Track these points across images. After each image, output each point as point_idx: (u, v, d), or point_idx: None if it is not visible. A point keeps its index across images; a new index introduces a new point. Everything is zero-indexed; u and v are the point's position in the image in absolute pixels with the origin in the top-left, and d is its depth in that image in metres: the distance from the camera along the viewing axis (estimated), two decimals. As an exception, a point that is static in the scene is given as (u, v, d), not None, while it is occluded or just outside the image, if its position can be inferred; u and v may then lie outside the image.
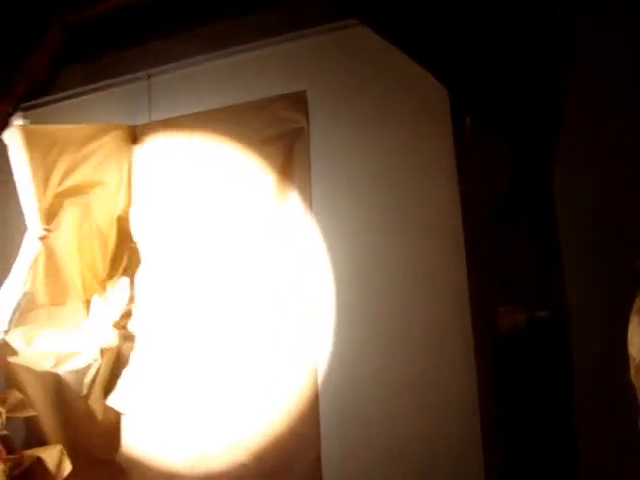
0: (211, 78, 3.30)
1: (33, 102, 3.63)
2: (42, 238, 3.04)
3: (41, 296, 3.11)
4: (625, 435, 2.07)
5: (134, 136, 3.37)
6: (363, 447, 2.81)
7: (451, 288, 2.67)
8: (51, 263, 3.17)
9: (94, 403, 3.07)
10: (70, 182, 3.19)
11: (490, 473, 2.45)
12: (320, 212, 3.02)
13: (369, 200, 2.92)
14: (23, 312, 3.02)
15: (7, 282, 2.97)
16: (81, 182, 3.21)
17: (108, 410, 3.12)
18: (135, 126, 3.40)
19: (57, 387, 3.02)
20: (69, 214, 3.20)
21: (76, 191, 3.22)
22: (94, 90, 3.58)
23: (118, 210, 3.30)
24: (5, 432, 2.83)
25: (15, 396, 2.86)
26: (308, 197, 3.02)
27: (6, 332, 2.83)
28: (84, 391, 3.03)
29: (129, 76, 3.45)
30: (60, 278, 3.19)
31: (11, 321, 2.85)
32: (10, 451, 2.80)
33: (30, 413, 2.92)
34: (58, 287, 3.18)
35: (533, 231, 2.47)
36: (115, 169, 3.28)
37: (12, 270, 3.01)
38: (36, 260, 3.03)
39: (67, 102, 3.66)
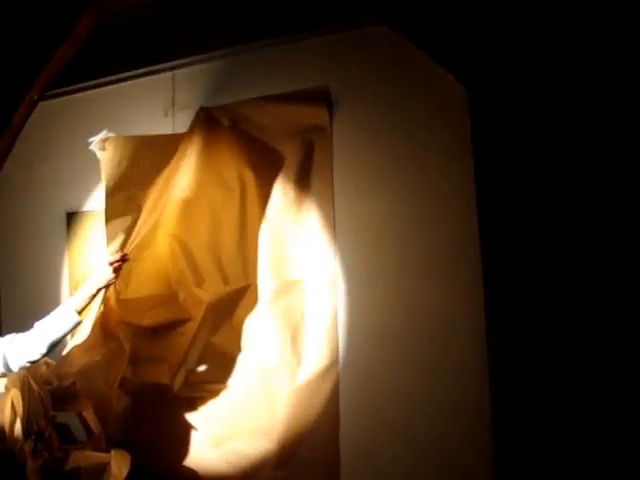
0: (234, 71, 3.40)
1: (59, 90, 3.79)
2: (113, 265, 2.72)
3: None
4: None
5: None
6: (379, 428, 2.98)
7: (469, 279, 2.78)
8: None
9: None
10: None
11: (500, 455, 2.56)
12: (341, 205, 3.14)
13: (389, 194, 3.02)
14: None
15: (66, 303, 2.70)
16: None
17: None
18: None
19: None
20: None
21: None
22: (121, 80, 3.70)
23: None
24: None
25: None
26: (329, 191, 3.12)
27: (43, 355, 2.53)
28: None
29: (154, 67, 3.55)
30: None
31: (53, 345, 2.53)
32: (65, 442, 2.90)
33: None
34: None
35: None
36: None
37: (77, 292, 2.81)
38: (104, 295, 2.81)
39: (91, 92, 3.82)
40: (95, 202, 3.75)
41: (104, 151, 2.80)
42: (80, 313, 2.64)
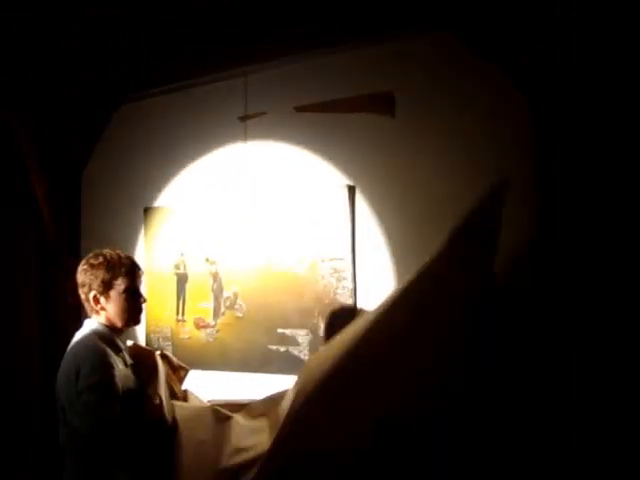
0: (303, 77, 3.48)
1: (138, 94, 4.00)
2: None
3: None
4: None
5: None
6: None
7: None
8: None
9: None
10: None
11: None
12: (391, 209, 3.21)
13: (442, 200, 3.05)
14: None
15: None
16: None
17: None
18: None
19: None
20: None
21: None
22: (193, 85, 3.83)
23: None
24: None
25: None
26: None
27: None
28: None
29: (226, 73, 3.66)
30: None
31: None
32: None
33: None
34: None
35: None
36: None
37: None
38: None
39: (167, 96, 3.95)
40: (168, 198, 3.94)
41: None
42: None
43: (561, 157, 2.69)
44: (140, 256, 3.95)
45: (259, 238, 3.56)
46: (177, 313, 3.82)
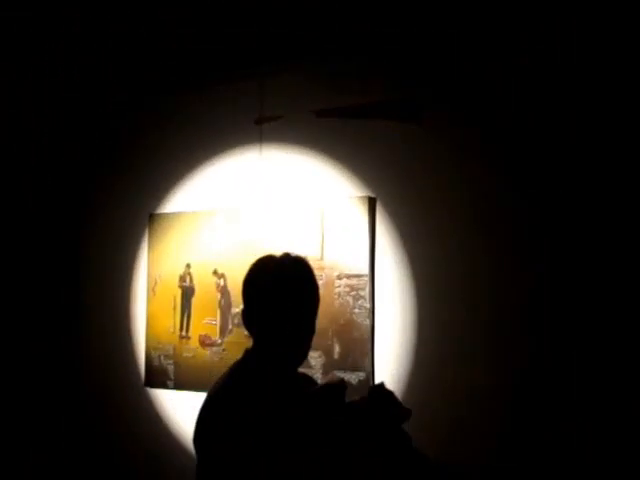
0: (322, 80, 3.35)
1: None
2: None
3: None
4: None
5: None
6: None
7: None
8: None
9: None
10: None
11: None
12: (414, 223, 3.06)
13: (468, 214, 2.93)
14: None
15: None
16: None
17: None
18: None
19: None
20: None
21: None
22: (210, 87, 3.69)
23: None
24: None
25: None
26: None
27: None
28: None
29: (243, 75, 3.54)
30: None
31: None
32: None
33: None
34: None
35: None
36: None
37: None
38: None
39: (179, 98, 3.82)
40: (176, 204, 3.75)
41: None
42: None
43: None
44: (143, 266, 3.80)
45: (271, 250, 3.31)
46: (181, 329, 3.61)
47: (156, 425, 3.66)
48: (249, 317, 1.97)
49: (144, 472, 3.71)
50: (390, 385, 2.95)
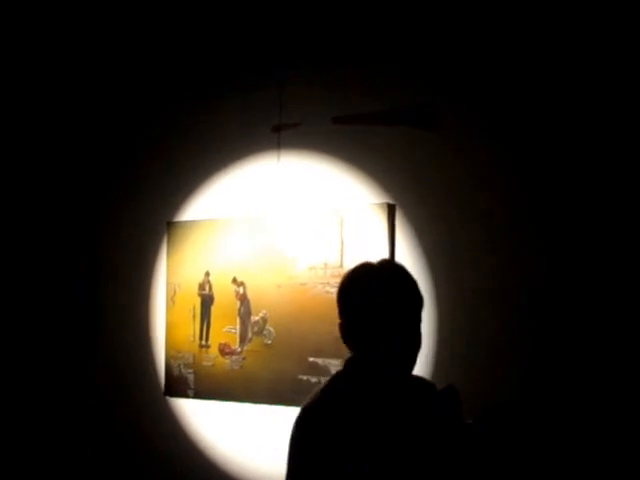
0: (341, 87, 3.32)
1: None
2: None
3: None
4: None
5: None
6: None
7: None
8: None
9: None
10: None
11: None
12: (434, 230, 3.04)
13: (489, 221, 2.90)
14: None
15: None
16: None
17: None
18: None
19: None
20: None
21: None
22: (227, 94, 3.67)
23: None
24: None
25: None
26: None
27: None
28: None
29: (261, 82, 3.51)
30: None
31: None
32: None
33: None
34: None
35: None
36: None
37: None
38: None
39: (195, 105, 3.80)
40: (195, 212, 3.74)
41: None
42: None
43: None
44: (162, 275, 3.79)
45: (290, 258, 3.32)
46: (200, 338, 3.59)
47: (176, 434, 3.65)
48: (350, 330, 1.85)
49: (164, 480, 3.70)
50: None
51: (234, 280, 3.48)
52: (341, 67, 3.29)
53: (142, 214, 3.92)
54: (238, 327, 3.46)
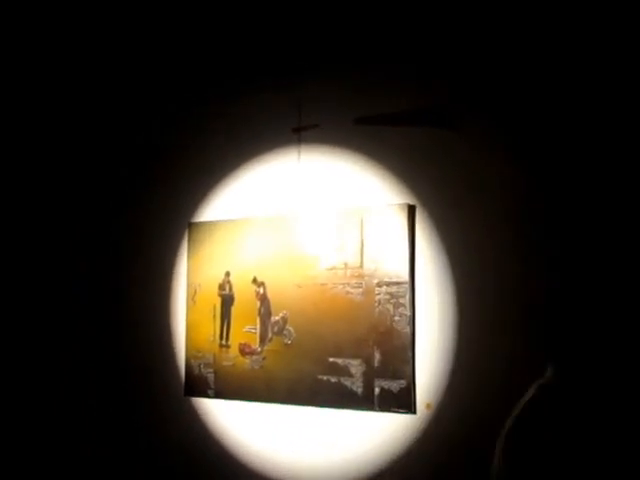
0: (361, 88, 3.32)
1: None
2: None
3: None
4: None
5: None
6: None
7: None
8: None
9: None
10: None
11: None
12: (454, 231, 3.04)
13: (510, 222, 2.89)
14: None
15: None
16: None
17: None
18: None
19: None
20: None
21: None
22: (247, 96, 3.68)
23: None
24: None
25: None
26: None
27: None
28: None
29: (281, 84, 3.53)
30: None
31: None
32: None
33: None
34: None
35: None
36: None
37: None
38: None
39: (216, 107, 3.81)
40: (215, 213, 3.75)
41: None
42: None
43: None
44: (182, 275, 3.80)
45: (310, 258, 3.32)
46: (221, 338, 3.60)
47: (196, 434, 3.66)
48: None
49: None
50: (431, 392, 2.96)
51: (254, 280, 3.50)
52: (361, 68, 3.30)
53: (164, 214, 3.94)
54: (258, 327, 3.47)
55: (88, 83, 3.94)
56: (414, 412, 3.01)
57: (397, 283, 3.09)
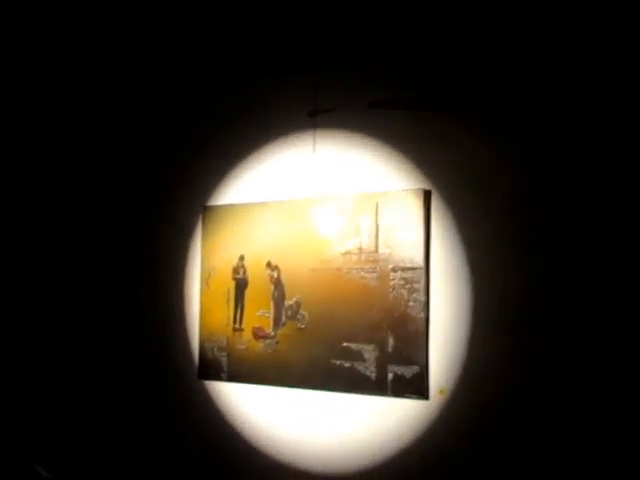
0: (375, 72, 3.30)
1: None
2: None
3: None
4: None
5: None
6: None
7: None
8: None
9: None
10: None
11: None
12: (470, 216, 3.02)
13: (525, 206, 2.87)
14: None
15: None
16: None
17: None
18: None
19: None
20: None
21: None
22: (264, 80, 3.66)
23: None
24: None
25: None
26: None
27: None
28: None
29: (298, 67, 3.52)
30: None
31: None
32: None
33: None
34: None
35: None
36: None
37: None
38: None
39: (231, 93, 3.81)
40: (230, 197, 3.74)
41: None
42: None
43: None
44: (197, 258, 3.80)
45: (325, 243, 3.32)
46: (234, 321, 3.61)
47: (209, 417, 3.67)
48: None
49: (197, 463, 3.73)
50: (445, 380, 2.95)
51: (268, 264, 3.49)
52: (378, 52, 3.28)
53: (179, 198, 3.94)
54: (272, 311, 3.47)
55: (102, 69, 4.00)
56: (427, 398, 3.01)
57: (412, 268, 3.08)
